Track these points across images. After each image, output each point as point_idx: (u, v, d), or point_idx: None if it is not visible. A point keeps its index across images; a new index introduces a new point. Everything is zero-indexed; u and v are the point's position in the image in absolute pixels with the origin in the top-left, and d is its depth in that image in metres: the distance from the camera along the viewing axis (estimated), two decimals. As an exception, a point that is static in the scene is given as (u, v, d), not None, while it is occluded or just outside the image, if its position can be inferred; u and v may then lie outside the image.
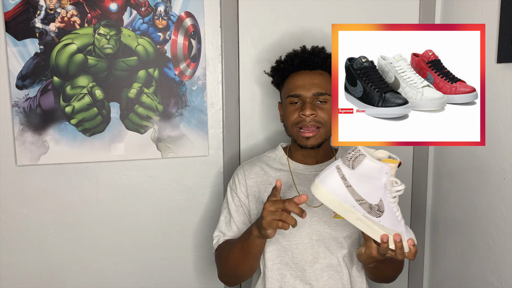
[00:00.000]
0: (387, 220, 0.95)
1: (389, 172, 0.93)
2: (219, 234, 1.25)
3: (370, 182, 0.93)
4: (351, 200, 0.93)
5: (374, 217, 0.94)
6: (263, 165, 1.27)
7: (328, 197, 0.94)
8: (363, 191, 0.93)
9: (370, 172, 0.92)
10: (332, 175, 0.94)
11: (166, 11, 1.42)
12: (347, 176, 0.93)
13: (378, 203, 0.94)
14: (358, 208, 0.93)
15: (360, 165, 0.91)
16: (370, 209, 0.94)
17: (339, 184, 0.93)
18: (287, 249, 1.18)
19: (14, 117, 1.35)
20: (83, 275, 1.47)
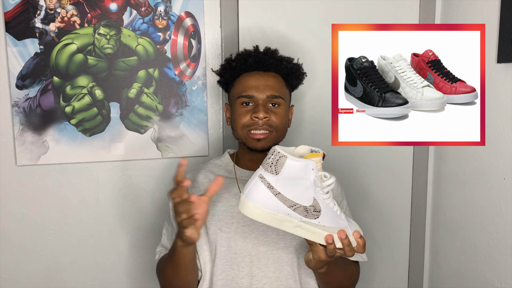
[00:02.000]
0: (327, 219, 0.87)
1: (315, 167, 0.85)
2: (161, 249, 1.17)
3: (299, 183, 0.85)
4: (284, 209, 0.85)
5: (312, 220, 0.86)
6: (207, 173, 1.20)
7: (259, 212, 0.85)
8: (293, 194, 0.85)
9: (295, 172, 0.84)
10: (257, 187, 0.85)
11: (166, 11, 1.42)
12: (273, 183, 0.84)
13: (312, 203, 0.86)
14: (294, 215, 0.86)
15: (283, 168, 0.83)
16: (306, 212, 0.86)
17: (267, 195, 0.85)
18: (232, 263, 1.10)
19: (14, 117, 1.35)
20: (83, 275, 1.47)
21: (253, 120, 1.11)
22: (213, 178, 1.11)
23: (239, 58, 1.17)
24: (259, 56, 1.15)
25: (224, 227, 1.11)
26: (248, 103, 1.13)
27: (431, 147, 1.68)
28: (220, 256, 1.10)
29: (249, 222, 1.10)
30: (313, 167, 0.84)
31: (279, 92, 1.14)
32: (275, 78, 1.15)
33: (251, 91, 1.12)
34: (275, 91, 1.13)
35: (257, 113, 1.10)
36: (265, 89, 1.12)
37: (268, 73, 1.15)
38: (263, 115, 1.10)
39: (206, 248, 1.11)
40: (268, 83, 1.13)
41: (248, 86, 1.13)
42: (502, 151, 1.33)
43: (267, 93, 1.12)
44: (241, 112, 1.13)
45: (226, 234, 1.10)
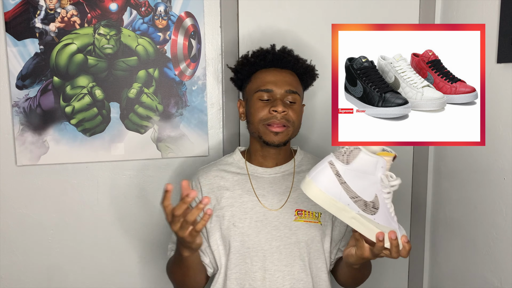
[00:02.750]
0: (382, 217, 0.90)
1: (384, 166, 0.88)
2: (172, 246, 1.21)
3: (366, 177, 0.87)
4: (345, 198, 0.88)
5: (368, 215, 0.89)
6: (219, 171, 1.22)
7: (321, 196, 0.87)
8: (358, 187, 0.88)
9: (365, 166, 0.87)
10: (325, 172, 0.88)
11: (166, 11, 1.42)
12: (342, 172, 0.87)
13: (373, 200, 0.89)
14: (353, 206, 0.88)
15: (356, 159, 0.86)
16: (365, 207, 0.89)
17: (333, 181, 0.87)
18: (246, 257, 1.13)
19: (14, 117, 1.35)
20: (83, 275, 1.47)
21: (271, 113, 1.13)
22: (226, 176, 1.19)
23: (257, 54, 1.21)
24: (278, 54, 1.19)
25: (238, 222, 1.14)
26: (266, 98, 1.15)
27: (431, 147, 1.68)
28: (234, 250, 1.13)
29: (261, 217, 1.14)
30: (383, 165, 0.87)
31: (296, 88, 1.17)
32: (292, 75, 1.19)
33: (269, 86, 1.15)
34: (292, 87, 1.16)
35: (275, 107, 1.12)
36: (283, 84, 1.15)
37: (285, 70, 1.19)
38: (281, 109, 1.12)
39: (220, 243, 1.15)
40: (286, 78, 1.17)
41: (266, 80, 1.16)
42: (502, 151, 1.33)
43: (286, 88, 1.15)
44: (259, 106, 1.15)
45: (240, 229, 1.13)
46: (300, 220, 1.15)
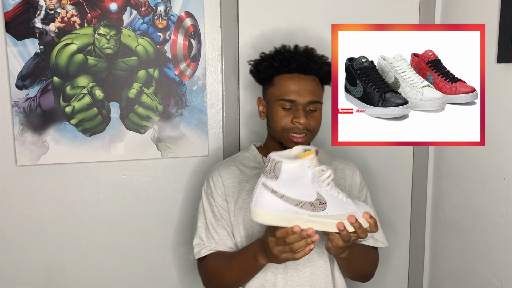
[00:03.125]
0: (334, 208, 0.93)
1: (310, 164, 0.90)
2: (200, 242, 1.21)
3: (299, 182, 0.90)
4: (291, 208, 0.91)
5: (320, 212, 0.92)
6: (238, 165, 1.24)
7: (268, 216, 0.91)
8: (297, 193, 0.91)
9: (293, 173, 0.90)
10: (262, 194, 0.91)
11: (166, 11, 1.42)
12: (276, 187, 0.90)
13: (316, 198, 0.91)
14: (302, 212, 0.91)
15: (281, 172, 0.89)
16: (313, 207, 0.91)
17: (273, 199, 0.90)
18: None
19: (14, 117, 1.35)
20: (83, 275, 1.47)
21: (293, 124, 1.15)
22: (245, 170, 1.22)
23: (281, 59, 1.19)
24: (302, 60, 1.18)
25: None
26: (289, 107, 1.16)
27: (431, 147, 1.68)
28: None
29: None
30: (309, 165, 0.89)
31: (318, 97, 1.17)
32: (315, 82, 1.18)
33: (293, 96, 1.15)
34: (315, 97, 1.16)
35: (298, 119, 1.14)
36: (306, 94, 1.15)
37: (308, 76, 1.18)
38: (304, 121, 1.13)
39: (243, 234, 1.18)
40: (308, 87, 1.16)
41: (290, 90, 1.16)
42: (502, 151, 1.33)
43: (308, 98, 1.15)
44: (282, 115, 1.16)
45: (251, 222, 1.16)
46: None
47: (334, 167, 1.27)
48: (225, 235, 1.18)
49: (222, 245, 1.18)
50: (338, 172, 1.26)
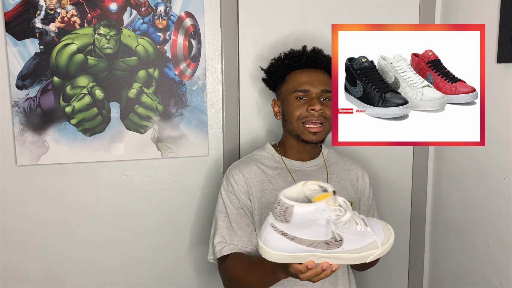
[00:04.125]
0: (351, 243, 0.86)
1: (327, 207, 0.82)
2: (221, 241, 1.19)
3: (313, 224, 0.83)
4: (303, 248, 0.84)
5: (336, 249, 0.85)
6: (258, 164, 1.25)
7: (280, 256, 0.85)
8: (310, 235, 0.83)
9: (306, 217, 0.82)
10: (271, 235, 0.84)
11: (166, 11, 1.42)
12: (286, 230, 0.83)
13: (332, 236, 0.84)
14: (315, 250, 0.85)
15: (293, 216, 0.82)
16: (328, 245, 0.85)
17: (282, 241, 0.84)
18: None
19: (14, 117, 1.35)
20: (83, 275, 1.47)
21: (308, 112, 1.18)
22: (266, 170, 1.23)
23: (291, 56, 1.26)
24: (311, 55, 1.25)
25: None
26: (303, 97, 1.20)
27: (431, 147, 1.68)
28: None
29: None
30: (325, 208, 0.82)
31: (330, 87, 1.20)
32: (325, 75, 1.24)
33: (306, 86, 1.20)
34: (327, 86, 1.21)
35: (313, 106, 1.17)
36: (318, 84, 1.20)
37: (318, 70, 1.24)
38: (319, 107, 1.17)
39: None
40: (320, 78, 1.22)
41: (302, 81, 1.21)
42: (502, 151, 1.33)
43: (321, 87, 1.20)
44: (297, 105, 1.20)
45: None
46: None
47: (346, 167, 1.31)
48: (248, 232, 1.19)
49: (246, 243, 1.18)
50: (351, 172, 1.30)
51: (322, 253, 0.85)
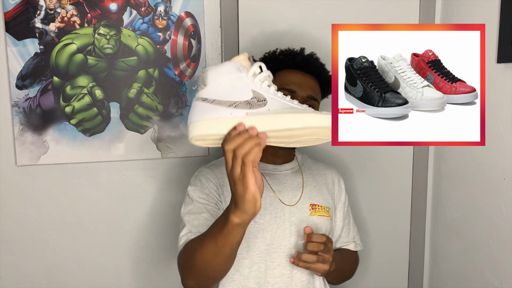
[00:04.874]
0: (276, 104, 0.80)
1: (240, 66, 0.81)
2: (187, 233, 1.04)
3: (231, 85, 0.80)
4: (224, 110, 0.78)
5: (259, 109, 0.79)
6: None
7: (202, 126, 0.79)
8: (230, 95, 0.79)
9: (222, 77, 0.80)
10: (196, 107, 0.80)
11: (166, 11, 1.42)
12: (206, 95, 0.80)
13: (253, 96, 0.80)
14: (237, 112, 0.78)
15: (208, 78, 0.80)
16: (250, 105, 0.79)
17: (205, 107, 0.79)
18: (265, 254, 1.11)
19: (14, 117, 1.35)
20: (83, 275, 1.47)
21: None
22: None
23: (286, 53, 1.21)
24: (307, 58, 1.19)
25: (258, 218, 1.11)
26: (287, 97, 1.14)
27: (431, 147, 1.68)
28: (254, 247, 1.11)
29: (280, 213, 1.13)
30: (238, 66, 0.81)
31: (317, 96, 1.18)
32: (315, 82, 1.19)
33: (293, 86, 1.15)
34: (315, 93, 1.17)
35: None
36: (307, 88, 1.16)
37: (309, 75, 1.19)
38: None
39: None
40: (310, 84, 1.17)
41: (291, 81, 1.16)
42: (502, 151, 1.33)
43: (309, 92, 1.15)
44: None
45: (260, 225, 1.11)
46: (315, 215, 1.16)
47: (322, 172, 1.27)
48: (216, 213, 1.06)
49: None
50: (327, 176, 1.27)
51: (245, 114, 0.78)
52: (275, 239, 1.12)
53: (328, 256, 1.05)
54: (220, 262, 0.90)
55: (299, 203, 1.17)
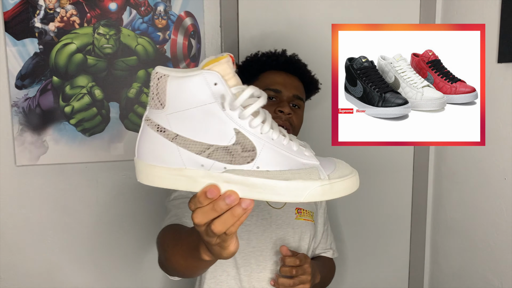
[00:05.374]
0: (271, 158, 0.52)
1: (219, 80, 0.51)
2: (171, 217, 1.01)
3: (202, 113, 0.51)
4: (192, 158, 0.51)
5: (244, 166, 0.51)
6: None
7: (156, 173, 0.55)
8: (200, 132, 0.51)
9: (189, 97, 0.51)
10: (146, 135, 0.55)
11: (166, 11, 1.41)
12: (163, 123, 0.52)
13: (236, 140, 0.51)
14: (211, 164, 0.51)
15: (167, 94, 0.51)
16: (231, 156, 0.51)
17: (161, 143, 0.53)
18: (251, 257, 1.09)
19: (14, 117, 1.35)
20: (82, 275, 1.47)
21: (276, 114, 1.11)
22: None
23: (269, 55, 1.21)
24: (290, 59, 1.20)
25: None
26: (273, 97, 1.14)
27: (431, 147, 1.68)
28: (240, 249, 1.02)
29: (267, 215, 1.13)
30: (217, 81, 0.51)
31: (302, 95, 1.18)
32: (300, 82, 1.20)
33: (278, 86, 1.15)
34: (300, 93, 1.17)
35: (282, 108, 1.11)
36: (292, 88, 1.16)
37: (293, 76, 1.19)
38: (288, 110, 1.11)
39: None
40: (294, 83, 1.18)
41: (276, 81, 1.16)
42: (503, 151, 1.33)
43: (294, 92, 1.16)
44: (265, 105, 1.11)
45: (246, 227, 1.10)
46: (300, 219, 1.16)
47: None
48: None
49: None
50: None
51: (221, 171, 0.51)
52: (261, 241, 1.10)
53: (305, 277, 1.02)
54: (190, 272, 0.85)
55: (285, 207, 1.16)
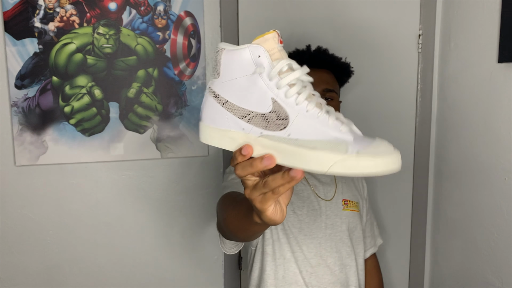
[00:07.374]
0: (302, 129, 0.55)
1: (264, 54, 0.57)
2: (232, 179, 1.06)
3: (247, 82, 0.57)
4: (235, 122, 0.57)
5: (276, 132, 0.55)
6: None
7: (209, 132, 0.60)
8: (244, 99, 0.57)
9: (237, 68, 0.57)
10: (206, 100, 0.60)
11: (166, 11, 1.41)
12: (218, 89, 0.59)
13: (273, 108, 0.56)
14: (250, 128, 0.57)
15: (222, 66, 0.58)
16: (266, 122, 0.56)
17: (215, 107, 0.59)
18: (302, 244, 1.15)
19: (13, 117, 1.35)
20: (82, 275, 1.47)
21: None
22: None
23: (293, 55, 1.22)
24: (314, 54, 1.21)
25: (296, 209, 1.16)
26: None
27: (432, 147, 1.68)
28: (293, 237, 1.14)
29: (316, 206, 1.18)
30: (261, 54, 0.57)
31: (333, 86, 1.18)
32: (328, 74, 1.20)
33: None
34: (329, 85, 1.17)
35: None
36: (320, 83, 1.16)
37: (321, 69, 1.19)
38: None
39: (281, 229, 1.15)
40: (322, 78, 1.18)
41: None
42: (503, 151, 1.32)
43: (323, 87, 1.16)
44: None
45: (298, 216, 1.15)
46: (347, 210, 1.21)
47: None
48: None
49: None
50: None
51: (258, 136, 0.56)
52: (312, 230, 1.16)
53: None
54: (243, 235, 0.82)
55: (334, 198, 1.21)
